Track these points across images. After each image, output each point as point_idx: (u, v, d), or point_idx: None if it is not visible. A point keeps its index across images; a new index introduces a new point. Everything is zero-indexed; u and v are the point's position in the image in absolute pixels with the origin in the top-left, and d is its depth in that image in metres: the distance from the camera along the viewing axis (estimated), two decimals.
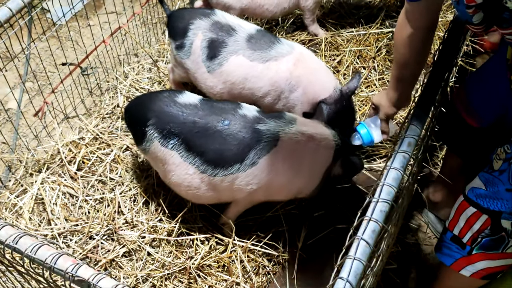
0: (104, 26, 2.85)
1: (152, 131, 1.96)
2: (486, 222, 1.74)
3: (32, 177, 2.38)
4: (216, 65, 2.28)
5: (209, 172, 1.94)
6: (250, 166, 1.92)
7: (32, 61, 3.14)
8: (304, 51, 2.33)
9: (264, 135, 1.92)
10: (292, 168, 1.96)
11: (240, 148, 1.90)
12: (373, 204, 1.44)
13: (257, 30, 2.32)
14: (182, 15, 2.36)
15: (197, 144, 1.92)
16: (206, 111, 1.96)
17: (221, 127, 1.92)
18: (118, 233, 2.13)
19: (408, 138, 1.60)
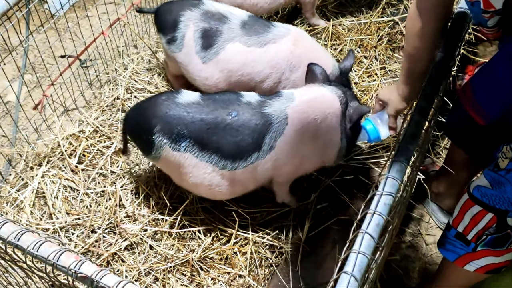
0: (102, 17, 2.82)
1: (161, 137, 1.91)
2: (491, 220, 1.73)
3: (33, 171, 2.37)
4: (212, 55, 2.26)
5: (229, 167, 1.93)
6: (268, 152, 1.93)
7: (31, 53, 3.11)
8: (300, 31, 2.35)
9: (273, 117, 1.92)
10: (310, 138, 1.98)
11: (254, 136, 1.91)
12: (377, 197, 1.43)
13: (249, 16, 2.32)
14: (169, 8, 2.33)
15: (211, 141, 1.89)
16: (211, 106, 1.93)
17: (231, 120, 1.90)
18: (120, 227, 2.12)
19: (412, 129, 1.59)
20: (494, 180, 1.69)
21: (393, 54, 2.86)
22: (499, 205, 1.69)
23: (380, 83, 2.70)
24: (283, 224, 2.19)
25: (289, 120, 1.93)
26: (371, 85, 2.70)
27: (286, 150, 1.95)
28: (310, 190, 2.29)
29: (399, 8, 3.05)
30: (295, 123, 1.93)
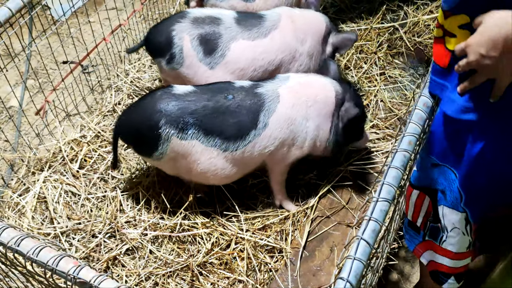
0: (104, 22, 2.84)
1: (167, 129, 1.97)
2: (429, 206, 1.77)
3: (35, 176, 2.39)
4: (218, 58, 2.27)
5: (231, 148, 2.02)
6: (263, 129, 2.03)
7: (33, 59, 3.14)
8: (287, 8, 2.43)
9: (265, 96, 2.05)
10: (300, 117, 2.07)
11: (250, 115, 2.01)
12: (373, 203, 1.44)
13: (237, 13, 2.36)
14: (157, 31, 2.33)
15: (214, 125, 1.99)
16: (208, 93, 2.03)
17: (228, 103, 2.00)
18: (121, 231, 2.14)
19: (408, 136, 1.60)
20: (419, 161, 1.75)
21: (393, 60, 2.88)
22: (423, 182, 1.73)
23: (380, 88, 2.71)
24: (282, 229, 2.20)
25: (281, 98, 2.05)
26: (371, 90, 2.71)
27: (279, 126, 2.04)
28: (309, 195, 2.30)
29: (399, 14, 3.07)
30: (286, 101, 2.06)
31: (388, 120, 2.59)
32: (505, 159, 1.57)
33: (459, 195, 1.66)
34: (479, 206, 1.68)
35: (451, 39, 1.53)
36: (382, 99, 2.68)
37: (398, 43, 2.93)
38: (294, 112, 2.06)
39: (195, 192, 2.23)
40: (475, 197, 1.65)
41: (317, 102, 2.09)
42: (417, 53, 2.91)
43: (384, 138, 2.51)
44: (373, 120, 2.57)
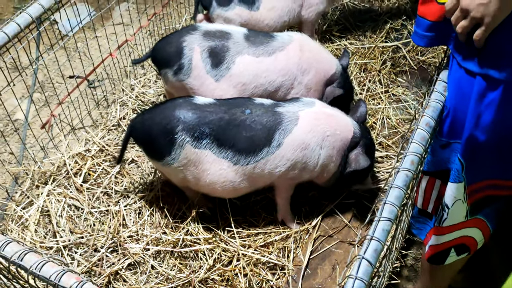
0: (111, 37, 2.88)
1: (183, 136, 1.99)
2: (442, 188, 1.80)
3: (38, 189, 2.40)
4: (224, 71, 2.30)
5: (242, 162, 2.03)
6: (277, 148, 2.03)
7: (40, 72, 3.18)
8: (302, 35, 2.43)
9: (284, 116, 2.05)
10: (315, 144, 2.06)
11: (265, 132, 2.02)
12: (375, 222, 1.44)
13: (248, 30, 2.39)
14: (167, 42, 2.36)
15: (227, 137, 2.01)
16: (226, 106, 2.06)
17: (244, 117, 2.02)
18: (123, 246, 2.14)
19: (411, 155, 1.61)
20: (432, 148, 1.79)
21: (396, 78, 2.89)
22: (435, 167, 1.77)
23: (385, 106, 2.73)
24: (284, 246, 2.20)
25: (300, 121, 2.05)
26: (377, 108, 2.72)
27: (292, 148, 2.04)
28: (311, 213, 2.31)
29: (402, 33, 3.09)
30: (305, 125, 2.05)
31: (392, 138, 2.60)
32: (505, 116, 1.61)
33: (460, 166, 1.71)
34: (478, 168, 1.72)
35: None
36: (387, 117, 2.69)
37: (401, 62, 2.95)
38: (309, 137, 2.05)
39: (198, 207, 2.24)
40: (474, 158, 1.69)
41: (335, 135, 2.08)
42: (420, 72, 2.92)
43: (387, 156, 2.52)
44: (377, 138, 2.58)
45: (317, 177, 2.17)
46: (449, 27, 1.59)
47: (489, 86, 1.57)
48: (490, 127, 1.62)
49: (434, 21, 1.65)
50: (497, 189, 1.77)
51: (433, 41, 1.71)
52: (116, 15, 3.37)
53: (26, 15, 2.07)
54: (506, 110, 1.58)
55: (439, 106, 1.76)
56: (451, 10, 1.53)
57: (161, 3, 3.03)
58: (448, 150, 1.76)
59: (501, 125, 1.61)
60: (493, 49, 1.54)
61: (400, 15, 3.19)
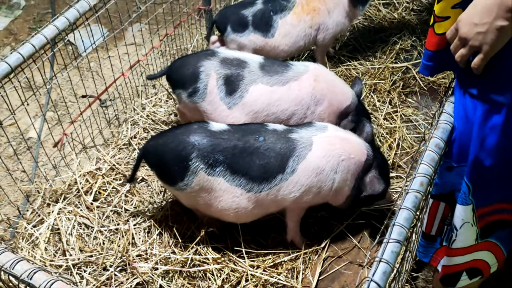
0: (123, 57, 2.92)
1: (197, 163, 1.99)
2: (446, 210, 1.79)
3: (49, 207, 2.42)
4: (237, 99, 2.32)
5: (255, 190, 2.03)
6: (291, 174, 2.03)
7: (54, 91, 3.22)
8: (318, 66, 2.44)
9: (298, 142, 2.05)
10: (329, 169, 2.06)
11: (279, 159, 2.02)
12: (384, 244, 1.44)
13: (264, 59, 2.40)
14: (184, 63, 2.38)
15: (241, 165, 2.01)
16: (240, 133, 2.06)
17: (258, 144, 2.02)
18: (132, 265, 2.15)
19: (420, 177, 1.60)
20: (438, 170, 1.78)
21: (406, 99, 2.89)
22: (441, 190, 1.76)
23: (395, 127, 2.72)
24: (293, 266, 2.19)
25: (314, 146, 2.05)
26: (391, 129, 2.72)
27: (306, 174, 2.03)
28: (321, 233, 2.30)
29: (412, 54, 3.10)
30: (319, 150, 2.05)
31: (402, 158, 2.59)
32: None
33: (467, 189, 1.70)
34: (485, 191, 1.71)
35: (443, 22, 1.61)
36: (399, 137, 2.68)
37: (411, 82, 2.96)
38: (324, 163, 2.04)
39: (208, 226, 2.24)
40: (480, 182, 1.69)
41: (349, 159, 2.08)
42: (430, 93, 2.93)
43: (397, 176, 2.51)
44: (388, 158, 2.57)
45: (331, 200, 2.17)
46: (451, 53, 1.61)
47: (492, 109, 1.58)
48: (495, 150, 1.62)
49: (434, 50, 1.69)
50: (507, 213, 1.76)
51: (435, 70, 1.75)
52: (129, 35, 3.43)
53: (41, 36, 2.11)
54: (510, 133, 1.58)
55: (449, 127, 1.76)
56: (451, 39, 1.56)
57: (172, 24, 3.07)
58: (454, 173, 1.76)
59: (506, 148, 1.61)
60: (495, 73, 1.55)
61: (409, 36, 3.21)
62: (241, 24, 2.75)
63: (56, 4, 3.95)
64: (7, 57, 2.05)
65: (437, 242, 1.87)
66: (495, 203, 1.74)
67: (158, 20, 3.00)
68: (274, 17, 2.77)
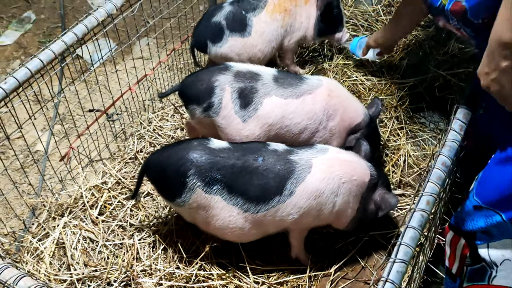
0: (131, 71, 2.94)
1: (194, 180, 1.98)
2: (465, 248, 1.73)
3: (55, 221, 2.42)
4: (251, 112, 2.31)
5: (252, 210, 2.00)
6: (289, 196, 1.99)
7: (61, 105, 3.24)
8: (332, 81, 2.44)
9: (297, 164, 2.01)
10: (329, 191, 2.02)
11: (277, 181, 1.99)
12: (390, 264, 1.42)
13: (277, 71, 2.40)
14: (198, 79, 2.38)
15: (238, 184, 1.99)
16: (240, 152, 2.03)
17: (257, 164, 2.00)
18: (136, 280, 2.14)
19: (427, 196, 1.59)
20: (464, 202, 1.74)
21: (413, 115, 2.88)
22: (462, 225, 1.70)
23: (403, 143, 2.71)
24: (299, 283, 2.17)
25: (313, 169, 2.01)
26: (397, 146, 2.71)
27: (305, 197, 2.00)
28: (326, 250, 2.28)
29: (419, 69, 3.09)
30: (318, 173, 2.01)
31: (409, 176, 2.58)
32: None
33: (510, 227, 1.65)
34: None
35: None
36: (406, 154, 2.67)
37: (418, 98, 2.95)
38: (323, 185, 2.01)
39: (212, 242, 2.23)
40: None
41: (351, 181, 2.04)
42: (438, 109, 2.91)
43: (403, 194, 2.49)
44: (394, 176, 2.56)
45: (334, 222, 2.14)
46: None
47: None
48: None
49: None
50: None
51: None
52: (137, 49, 3.46)
53: (49, 51, 2.13)
54: None
55: (456, 146, 1.75)
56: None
57: (180, 39, 3.09)
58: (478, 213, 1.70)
59: None
60: None
61: (417, 52, 3.20)
62: (217, 32, 2.77)
63: (66, 18, 3.99)
64: (16, 71, 2.07)
65: (456, 284, 1.80)
66: None
67: (166, 35, 3.03)
68: (247, 15, 2.79)
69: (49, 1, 4.20)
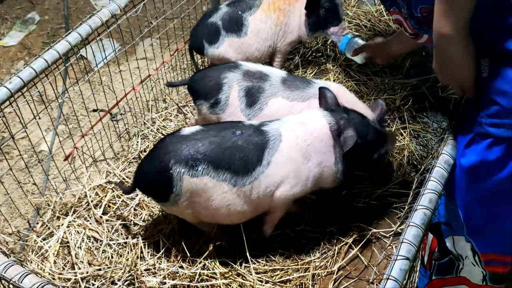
0: (134, 71, 2.96)
1: (178, 169, 1.99)
2: (434, 242, 1.77)
3: (59, 220, 2.44)
4: (256, 111, 2.34)
5: (240, 183, 2.02)
6: (267, 166, 2.03)
7: (65, 105, 3.26)
8: (339, 86, 2.44)
9: (269, 134, 2.06)
10: (301, 157, 2.05)
11: (256, 151, 2.02)
12: (392, 261, 1.43)
13: (287, 74, 2.42)
14: (207, 75, 2.41)
15: (222, 159, 2.00)
16: (215, 130, 2.06)
17: (236, 138, 2.03)
18: (140, 279, 2.15)
19: (429, 193, 1.60)
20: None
21: (416, 115, 2.88)
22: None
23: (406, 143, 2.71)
24: (302, 282, 2.17)
25: (283, 138, 2.05)
26: (400, 146, 2.71)
27: (281, 166, 2.04)
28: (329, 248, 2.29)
29: (422, 70, 3.09)
30: (287, 141, 2.05)
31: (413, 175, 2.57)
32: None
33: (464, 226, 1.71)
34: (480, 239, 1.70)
35: None
36: (408, 154, 2.67)
37: (421, 98, 2.95)
38: (294, 153, 2.05)
39: (215, 241, 2.24)
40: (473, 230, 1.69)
41: (313, 139, 2.06)
42: (440, 108, 2.91)
43: (406, 193, 2.49)
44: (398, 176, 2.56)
45: (319, 185, 2.15)
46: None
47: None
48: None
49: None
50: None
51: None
52: (140, 50, 3.47)
53: (53, 51, 2.15)
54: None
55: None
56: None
57: (183, 39, 3.10)
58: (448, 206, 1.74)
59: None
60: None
61: (420, 52, 3.20)
62: (213, 32, 2.79)
63: (69, 19, 4.01)
64: (20, 71, 2.09)
65: (427, 275, 1.84)
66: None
67: (169, 35, 3.04)
68: (243, 15, 2.81)
69: (53, 2, 4.22)
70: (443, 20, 1.47)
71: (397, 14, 1.89)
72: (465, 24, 1.48)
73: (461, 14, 1.46)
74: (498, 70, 1.53)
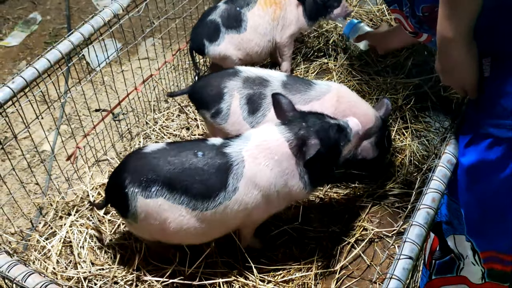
0: (136, 71, 2.96)
1: (132, 188, 1.91)
2: (435, 241, 1.76)
3: (62, 220, 2.44)
4: (259, 118, 2.32)
5: (200, 207, 1.92)
6: (233, 193, 1.93)
7: (67, 105, 3.26)
8: (341, 86, 2.42)
9: (232, 157, 1.94)
10: (267, 183, 1.96)
11: (219, 175, 1.91)
12: (395, 260, 1.43)
13: (287, 76, 2.39)
14: (208, 84, 2.39)
15: (179, 181, 1.89)
16: (176, 150, 1.96)
17: (196, 159, 1.92)
18: (143, 279, 2.15)
19: (432, 193, 1.59)
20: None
21: (418, 114, 2.88)
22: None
23: (408, 142, 2.71)
24: (304, 282, 2.17)
25: (245, 163, 1.95)
26: (402, 146, 2.71)
27: (249, 192, 1.95)
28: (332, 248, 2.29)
29: (424, 69, 3.09)
30: (251, 167, 1.94)
31: (414, 175, 2.57)
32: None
33: (464, 225, 1.70)
34: (480, 238, 1.70)
35: None
36: (410, 153, 2.67)
37: (424, 97, 2.95)
38: (259, 179, 1.95)
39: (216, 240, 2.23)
40: (474, 229, 1.68)
41: (274, 163, 1.96)
42: (443, 108, 2.91)
43: (408, 193, 2.49)
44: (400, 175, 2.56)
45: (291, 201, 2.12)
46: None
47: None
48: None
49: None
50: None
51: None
52: (142, 50, 3.47)
53: (56, 51, 2.15)
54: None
55: None
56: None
57: (185, 39, 3.10)
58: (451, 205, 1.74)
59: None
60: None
61: (422, 51, 3.20)
62: (213, 30, 2.79)
63: (71, 19, 4.02)
64: (23, 71, 2.09)
65: (427, 274, 1.84)
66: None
67: (171, 35, 3.04)
68: (241, 11, 2.82)
69: (55, 3, 4.22)
70: (447, 24, 1.47)
71: (398, 12, 1.88)
72: (469, 28, 1.48)
73: (465, 18, 1.46)
74: (500, 70, 1.52)
